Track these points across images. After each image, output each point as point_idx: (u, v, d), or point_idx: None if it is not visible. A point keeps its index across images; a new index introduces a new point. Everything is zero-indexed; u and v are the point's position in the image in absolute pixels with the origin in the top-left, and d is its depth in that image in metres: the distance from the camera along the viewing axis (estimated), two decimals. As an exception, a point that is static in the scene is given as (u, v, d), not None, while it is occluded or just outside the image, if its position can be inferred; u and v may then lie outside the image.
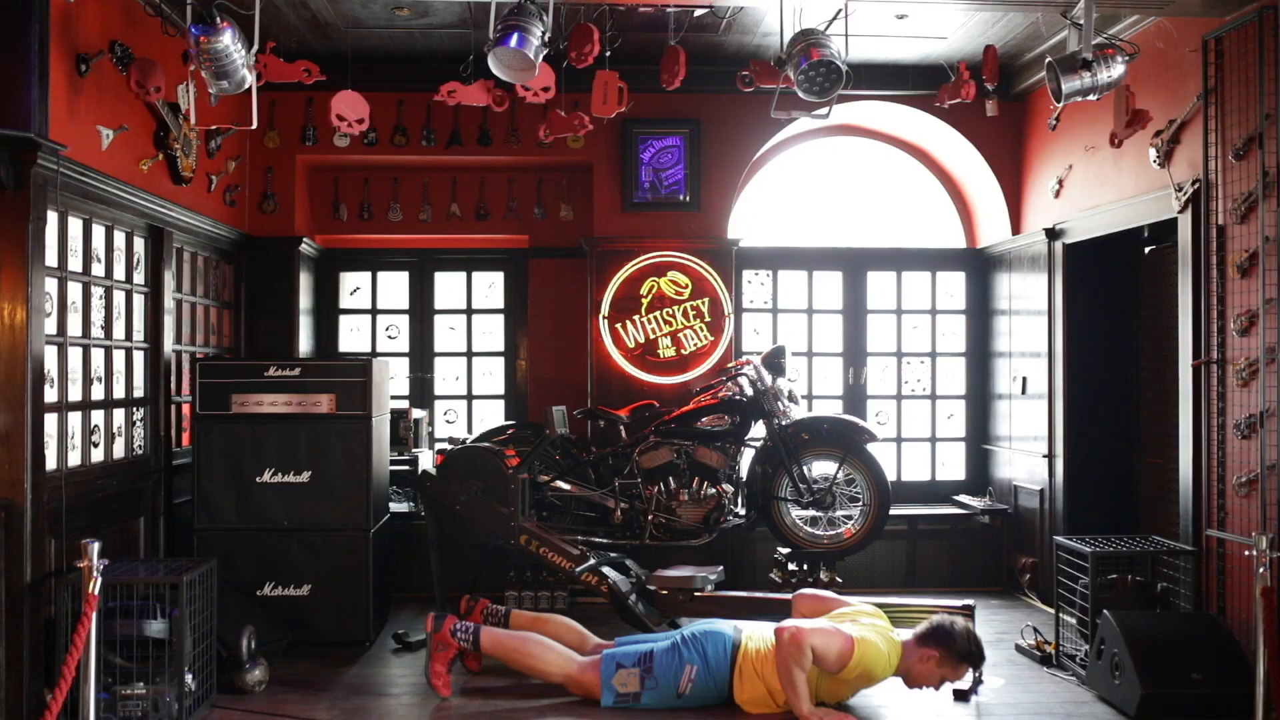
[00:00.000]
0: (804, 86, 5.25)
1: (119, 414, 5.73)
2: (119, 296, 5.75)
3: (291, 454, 6.06)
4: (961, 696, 5.20)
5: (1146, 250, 6.76)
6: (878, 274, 8.33)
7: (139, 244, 5.97)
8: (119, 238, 5.73)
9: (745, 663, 5.07)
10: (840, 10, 5.49)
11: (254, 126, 5.36)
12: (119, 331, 5.75)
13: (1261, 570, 4.51)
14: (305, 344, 7.75)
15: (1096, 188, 6.68)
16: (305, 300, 7.74)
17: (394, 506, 6.96)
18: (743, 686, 5.06)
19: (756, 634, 5.17)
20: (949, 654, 4.95)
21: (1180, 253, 5.74)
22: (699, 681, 5.05)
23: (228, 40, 4.70)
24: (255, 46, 4.93)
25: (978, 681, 5.31)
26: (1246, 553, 4.85)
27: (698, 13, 5.60)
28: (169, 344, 6.19)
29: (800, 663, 4.81)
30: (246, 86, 5.01)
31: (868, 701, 5.21)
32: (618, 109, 5.61)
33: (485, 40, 4.89)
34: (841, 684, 5.00)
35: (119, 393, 5.74)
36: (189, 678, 4.77)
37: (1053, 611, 5.99)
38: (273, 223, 7.54)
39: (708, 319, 7.61)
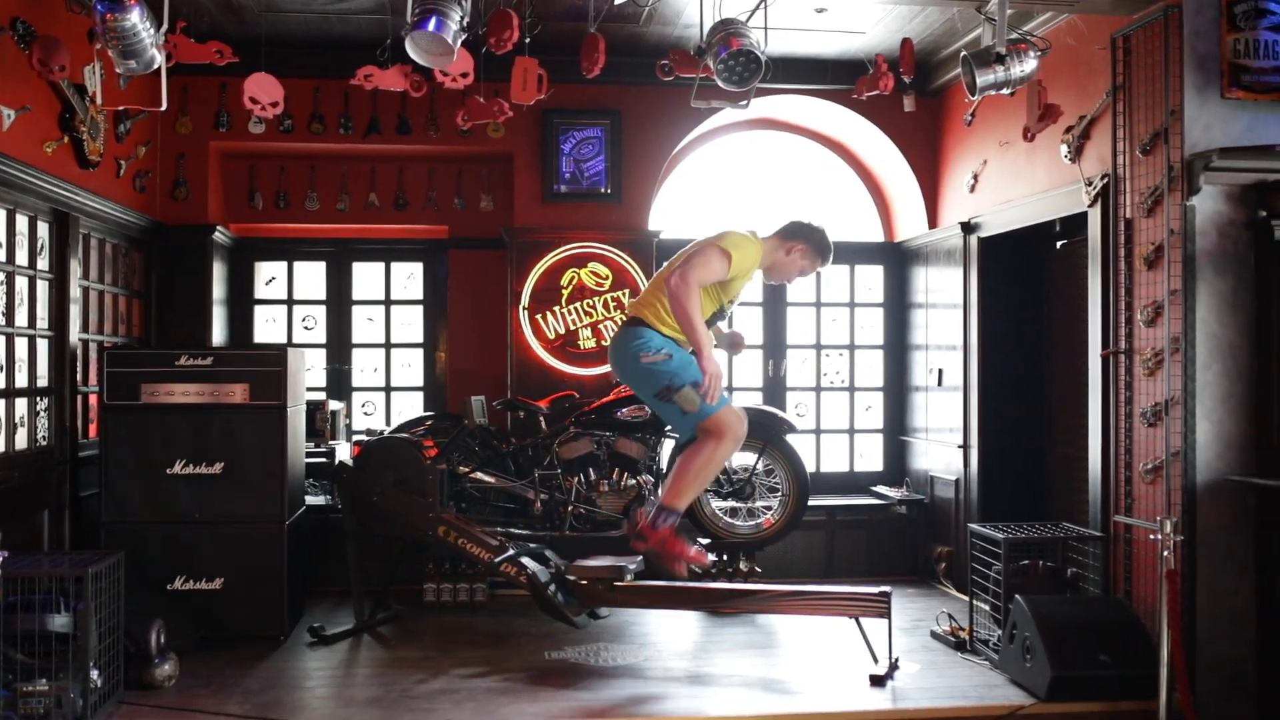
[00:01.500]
0: (723, 76, 5.27)
1: (21, 404, 5.56)
2: (21, 283, 5.58)
3: (203, 445, 5.93)
4: (878, 681, 5.27)
5: (1058, 244, 6.90)
6: (798, 267, 8.38)
7: (43, 229, 5.79)
8: (21, 222, 5.56)
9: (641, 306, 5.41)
10: (761, 2, 5.52)
11: (164, 108, 5.22)
12: (21, 319, 5.57)
13: (1166, 554, 4.63)
14: (219, 334, 7.59)
15: (1010, 182, 6.80)
16: (219, 290, 7.58)
17: (310, 499, 6.85)
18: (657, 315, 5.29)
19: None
20: (809, 245, 5.42)
21: (1090, 246, 5.87)
22: (651, 347, 5.21)
23: (135, 18, 4.57)
24: (165, 25, 4.81)
25: (893, 667, 5.39)
26: (1152, 537, 4.97)
27: (618, 1, 5.58)
28: (75, 333, 6.02)
29: (691, 299, 5.02)
30: (156, 67, 4.87)
31: (776, 674, 5.25)
32: (537, 96, 5.58)
33: (403, 25, 4.83)
34: (723, 290, 5.33)
35: (21, 382, 5.57)
36: (94, 673, 4.64)
37: (967, 599, 6.09)
38: (185, 210, 7.37)
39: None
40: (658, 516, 5.29)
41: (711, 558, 5.49)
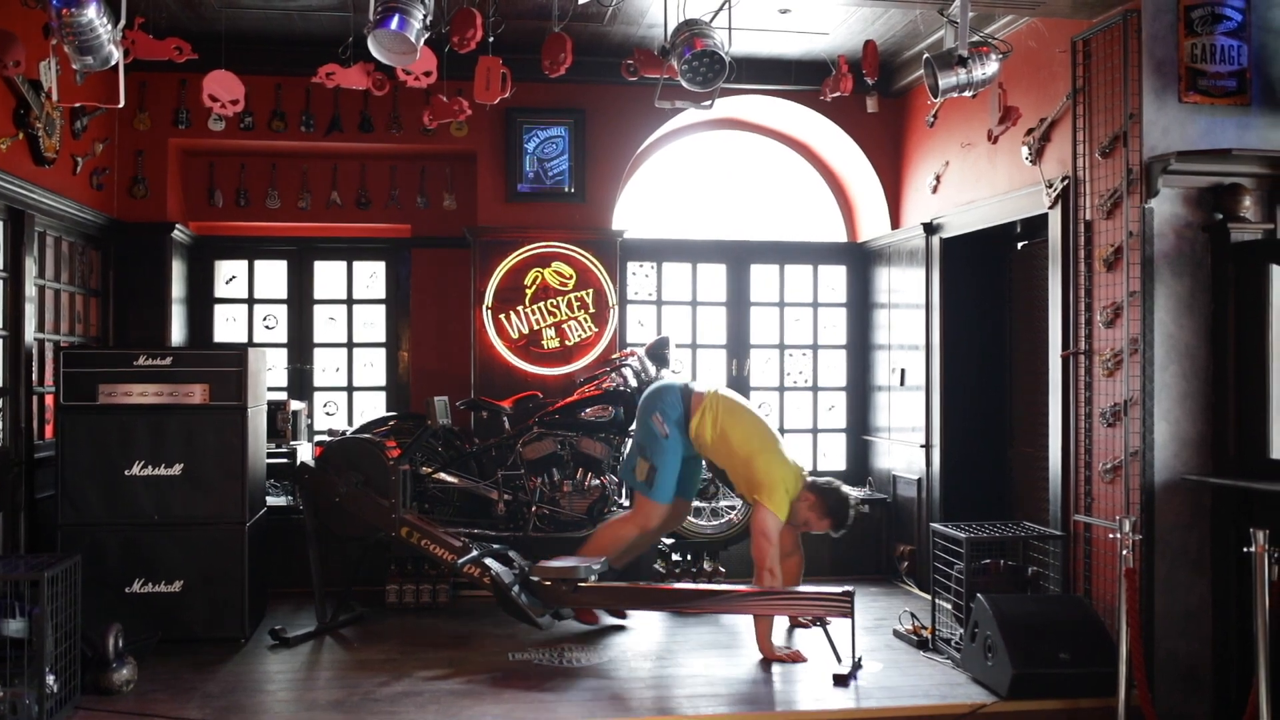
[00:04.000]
0: (687, 76, 5.28)
1: (-25, 405, 5.48)
2: (-25, 281, 5.49)
3: (162, 446, 5.86)
4: (841, 681, 5.29)
5: (1019, 245, 6.95)
6: (761, 267, 8.42)
7: (-3, 227, 5.71)
8: (-25, 220, 5.47)
9: (703, 403, 6.11)
10: (725, 2, 5.53)
11: (121, 105, 5.16)
12: (-25, 318, 5.49)
13: (1125, 553, 4.68)
14: (178, 334, 7.50)
15: (972, 184, 6.85)
16: (178, 289, 7.50)
17: (271, 500, 6.79)
18: (698, 425, 6.05)
19: (715, 384, 6.32)
20: (822, 506, 5.83)
21: (1050, 247, 5.92)
22: (667, 418, 6.05)
23: (92, 13, 4.50)
24: (122, 21, 4.74)
25: (856, 666, 5.42)
26: (1111, 536, 5.03)
27: (582, 1, 5.57)
28: (30, 332, 5.93)
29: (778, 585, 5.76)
30: (113, 63, 4.81)
31: (740, 674, 5.26)
32: (500, 95, 5.55)
33: (365, 23, 4.79)
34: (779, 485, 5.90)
35: (-25, 382, 5.48)
36: (50, 678, 4.57)
37: (929, 598, 6.13)
38: (143, 208, 7.29)
39: (592, 310, 7.60)
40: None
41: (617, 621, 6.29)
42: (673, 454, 6.05)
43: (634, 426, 6.37)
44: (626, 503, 6.81)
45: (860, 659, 5.52)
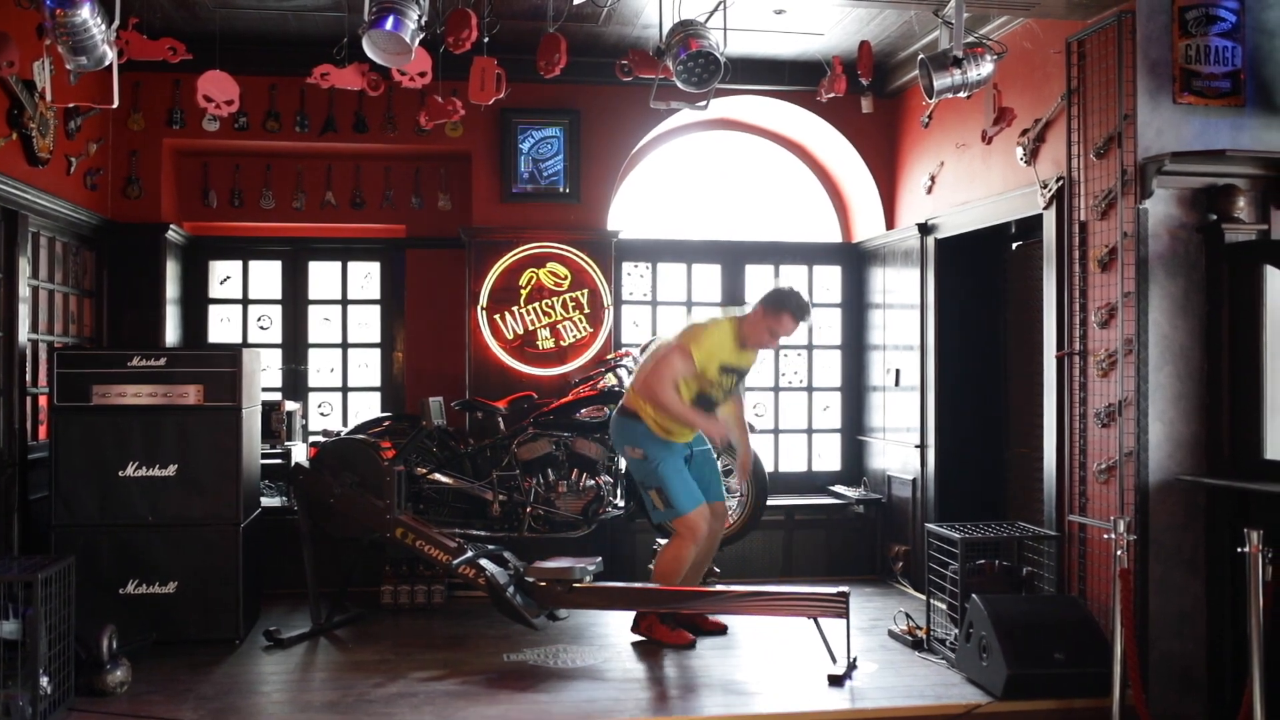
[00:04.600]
0: (682, 77, 5.27)
1: (-32, 405, 5.46)
2: (-32, 282, 5.48)
3: (157, 447, 5.85)
4: (836, 681, 5.29)
5: (1014, 245, 6.96)
6: (756, 267, 8.41)
7: (-10, 227, 5.70)
8: (-31, 220, 5.46)
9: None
10: (720, 3, 5.53)
11: (115, 106, 5.14)
12: (-32, 319, 5.48)
13: (1119, 553, 4.68)
14: (172, 334, 7.49)
15: (967, 184, 6.86)
16: (172, 289, 7.49)
17: (266, 501, 6.78)
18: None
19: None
20: (770, 306, 5.65)
21: (1045, 248, 5.92)
22: (638, 441, 5.83)
23: (86, 14, 4.48)
24: (116, 21, 4.72)
25: (851, 667, 5.42)
26: (1105, 536, 5.03)
27: (577, 1, 5.57)
28: (24, 333, 5.92)
29: (667, 400, 5.58)
30: (107, 64, 4.79)
31: (735, 675, 5.26)
32: (495, 96, 5.55)
33: (360, 24, 4.79)
34: (705, 380, 5.72)
35: (-32, 383, 5.47)
36: (44, 680, 4.56)
37: (924, 598, 6.13)
38: (137, 208, 7.27)
39: (587, 311, 7.60)
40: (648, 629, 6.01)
41: (693, 638, 6.01)
42: (665, 463, 5.80)
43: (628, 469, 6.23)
44: (621, 503, 6.81)
45: (855, 659, 5.52)
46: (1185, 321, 5.19)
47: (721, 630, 6.21)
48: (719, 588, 6.08)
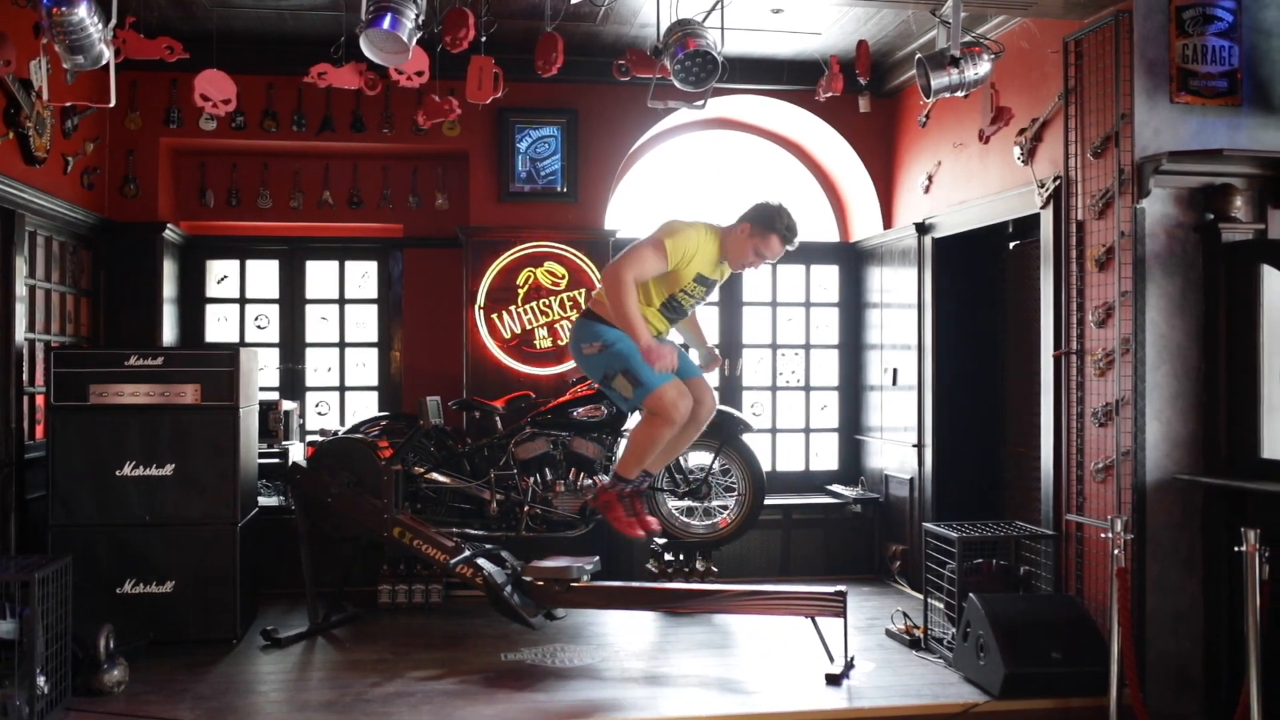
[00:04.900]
0: (680, 76, 5.27)
1: (-34, 405, 5.46)
2: (-35, 281, 5.47)
3: (154, 446, 5.84)
4: (834, 680, 5.30)
5: (1011, 245, 6.96)
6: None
7: (-13, 226, 5.69)
8: (-35, 219, 5.45)
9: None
10: (717, 2, 5.52)
11: (112, 105, 5.13)
12: (-35, 318, 5.47)
13: (1116, 552, 4.69)
14: (169, 333, 7.49)
15: (964, 184, 6.86)
16: (169, 289, 7.48)
17: (263, 500, 6.77)
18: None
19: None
20: (759, 224, 5.11)
21: (1042, 247, 5.93)
22: (593, 336, 5.15)
23: (83, 13, 4.47)
24: (113, 20, 4.71)
25: (849, 666, 5.42)
26: (1103, 535, 5.03)
27: (574, 0, 5.57)
28: (21, 332, 5.91)
29: (625, 293, 4.90)
30: (104, 63, 4.78)
31: (732, 674, 5.26)
32: (493, 95, 5.55)
33: (357, 23, 4.78)
34: (673, 281, 5.15)
35: (-34, 383, 5.46)
36: (41, 679, 4.56)
37: (922, 597, 6.13)
38: (135, 207, 7.27)
39: (585, 310, 7.58)
40: (611, 482, 5.39)
41: (658, 528, 5.73)
42: (625, 340, 5.06)
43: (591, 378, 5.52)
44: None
45: (853, 658, 5.52)
46: (1182, 321, 5.20)
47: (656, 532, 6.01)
48: (717, 586, 6.08)
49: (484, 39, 5.43)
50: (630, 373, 5.08)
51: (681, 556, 6.98)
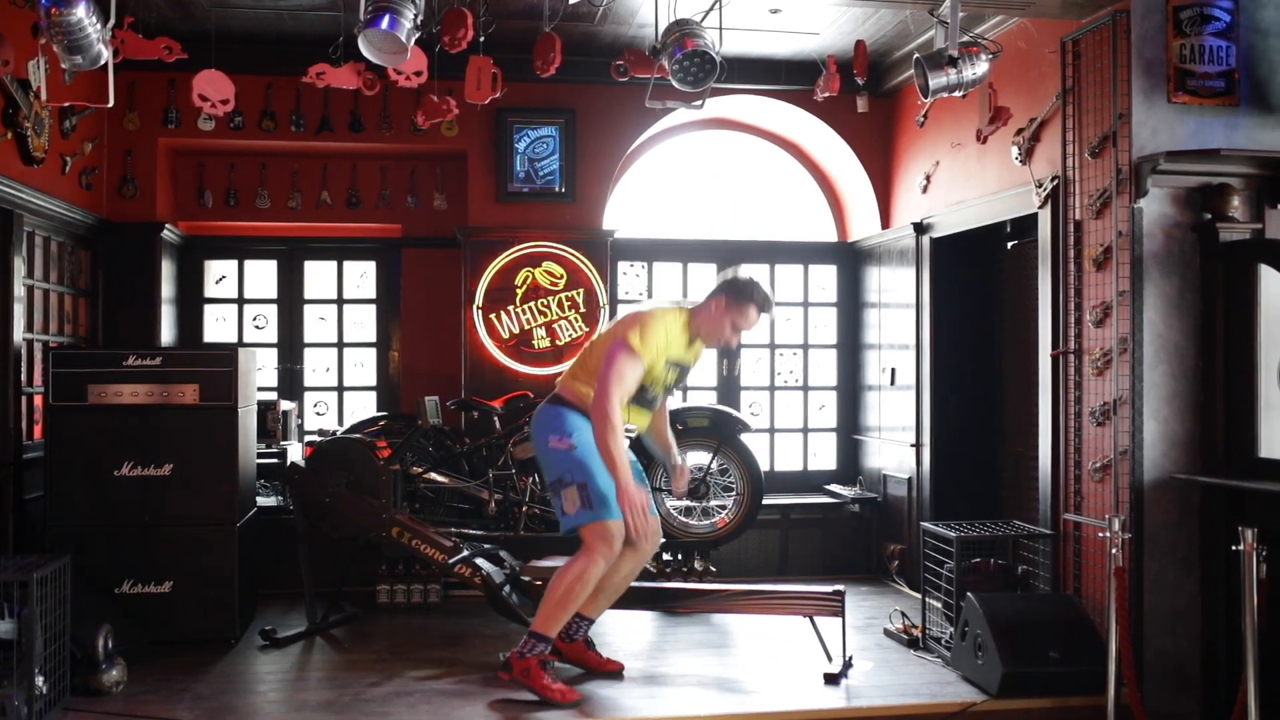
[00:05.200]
0: (678, 76, 5.27)
1: (-36, 405, 5.45)
2: (-36, 282, 5.47)
3: (152, 446, 5.84)
4: (832, 680, 5.30)
5: (1009, 245, 6.97)
6: (752, 266, 8.40)
7: (-14, 227, 5.69)
8: (-36, 220, 5.45)
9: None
10: (715, 2, 5.53)
11: (110, 105, 5.14)
12: (-36, 318, 5.47)
13: (1114, 551, 4.69)
14: (168, 334, 7.49)
15: (962, 183, 6.87)
16: (168, 289, 7.48)
17: (261, 500, 6.78)
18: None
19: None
20: (735, 296, 5.08)
21: (1040, 247, 5.93)
22: (564, 430, 5.01)
23: (82, 13, 4.48)
24: (112, 21, 4.72)
25: (847, 665, 5.43)
26: (1100, 534, 5.04)
27: (572, 1, 5.58)
28: (19, 332, 5.91)
29: (615, 429, 4.79)
30: (103, 63, 4.78)
31: (731, 673, 5.26)
32: (491, 95, 5.55)
33: (355, 23, 4.79)
34: (651, 379, 5.07)
35: (-36, 383, 5.46)
36: (39, 680, 4.55)
37: (920, 597, 6.14)
38: (133, 208, 7.27)
39: (583, 310, 7.60)
40: (526, 644, 5.02)
41: (580, 692, 5.10)
42: (590, 456, 4.95)
43: (543, 473, 5.26)
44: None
45: (851, 658, 5.52)
46: (1180, 320, 5.20)
47: (617, 672, 5.46)
48: (715, 586, 6.08)
49: (482, 39, 5.44)
50: (587, 491, 4.91)
51: (680, 556, 6.99)
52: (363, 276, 8.14)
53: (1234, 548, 4.24)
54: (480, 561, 5.95)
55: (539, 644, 5.02)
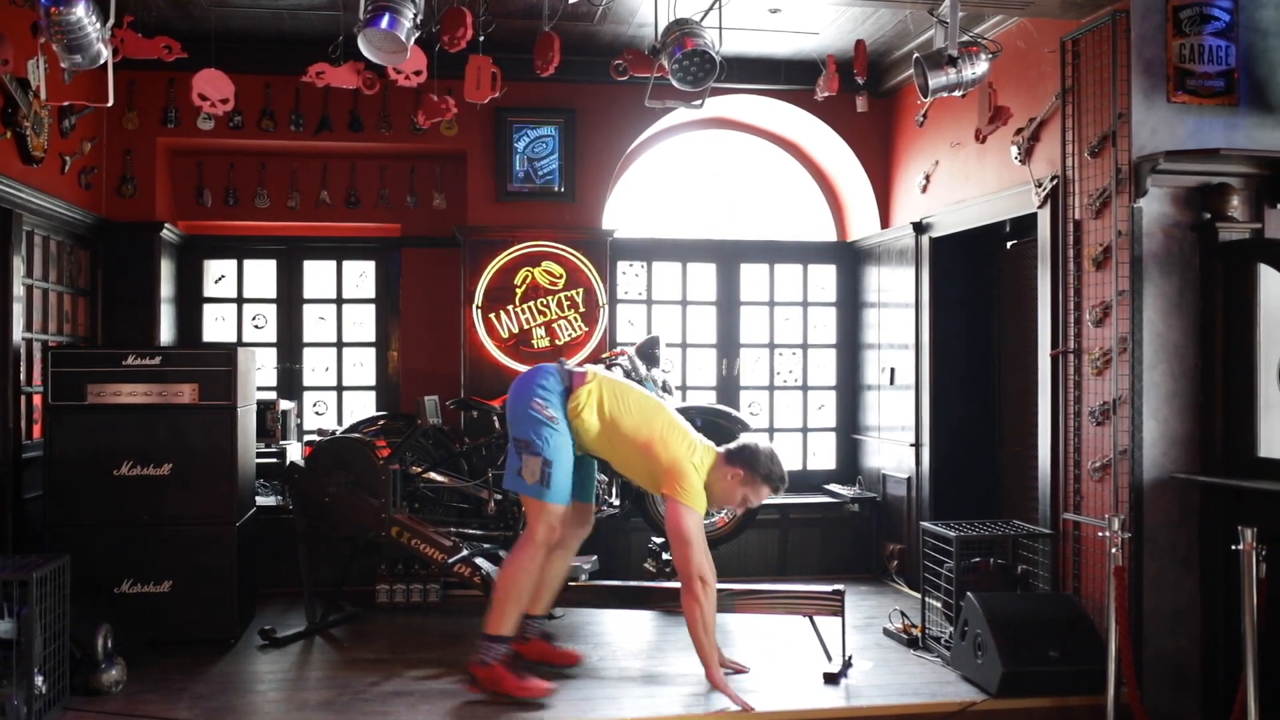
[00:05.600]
0: (678, 76, 5.27)
1: (-37, 404, 5.45)
2: (-37, 281, 5.46)
3: (152, 446, 5.83)
4: (831, 679, 5.30)
5: (1009, 244, 6.97)
6: (751, 266, 8.43)
7: (-15, 226, 5.68)
8: (-37, 219, 5.45)
9: (584, 383, 5.21)
10: (715, 2, 5.53)
11: (110, 104, 5.13)
12: (-37, 318, 5.46)
13: (1114, 551, 4.70)
14: (167, 333, 7.48)
15: (962, 183, 6.87)
16: (167, 288, 7.48)
17: (261, 500, 6.78)
18: (576, 406, 5.16)
19: (598, 369, 5.45)
20: (753, 473, 5.12)
21: (1040, 247, 5.93)
22: (547, 402, 5.13)
23: (81, 12, 4.47)
24: (111, 20, 4.71)
25: (847, 665, 5.43)
26: (1100, 534, 5.04)
27: (572, 0, 5.58)
28: (18, 332, 5.91)
29: (709, 595, 5.00)
30: (102, 62, 4.77)
31: (737, 684, 5.25)
32: (491, 95, 5.55)
33: (355, 22, 4.78)
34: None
35: (-37, 382, 5.45)
36: (39, 679, 4.55)
37: (919, 596, 6.14)
38: (132, 207, 7.26)
39: (582, 309, 7.60)
40: (484, 650, 5.06)
41: (553, 686, 5.10)
42: (565, 441, 5.12)
43: (510, 424, 5.29)
44: (617, 502, 6.80)
45: (850, 657, 5.52)
46: (1179, 320, 5.20)
47: (573, 661, 5.57)
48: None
49: (482, 39, 5.44)
50: (549, 470, 5.05)
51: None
52: (362, 276, 8.14)
53: (1233, 547, 4.24)
54: (480, 561, 5.94)
55: (495, 646, 5.08)
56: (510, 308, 7.54)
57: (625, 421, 5.14)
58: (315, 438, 6.96)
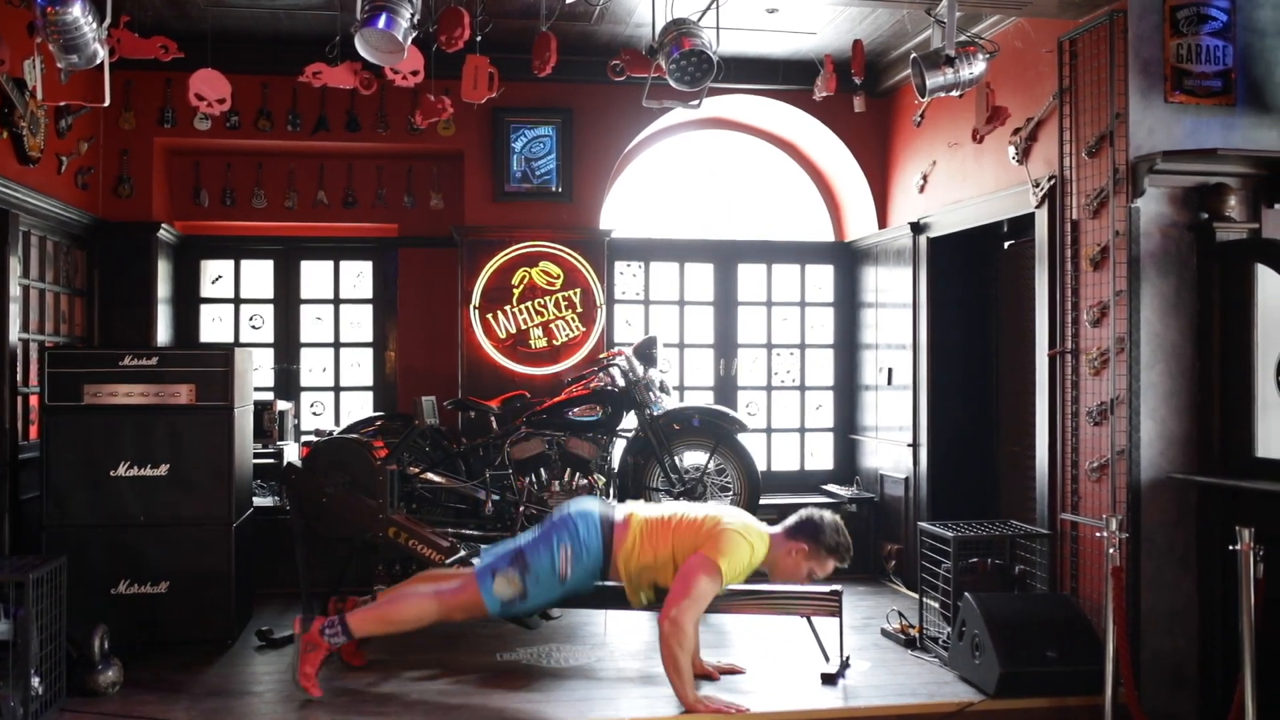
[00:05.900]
0: (675, 76, 5.27)
1: (-41, 405, 5.44)
2: (-41, 281, 5.46)
3: (148, 446, 5.82)
4: (829, 680, 5.29)
5: (1006, 244, 6.97)
6: (748, 266, 8.43)
7: (-19, 226, 5.68)
8: (-41, 219, 5.44)
9: (628, 533, 5.07)
10: (712, 2, 5.53)
11: (106, 104, 5.13)
12: (-41, 318, 5.45)
13: (1111, 551, 4.69)
14: (164, 334, 7.47)
15: (959, 183, 6.87)
16: (164, 289, 7.47)
17: (258, 500, 6.78)
18: (627, 556, 5.04)
19: (633, 507, 5.26)
20: (817, 546, 5.04)
21: (1037, 247, 5.93)
22: (576, 558, 5.00)
23: (78, 12, 4.47)
24: (108, 20, 4.70)
25: (844, 665, 5.42)
26: (1098, 534, 5.04)
27: (569, 0, 5.58)
28: (15, 332, 5.90)
29: (685, 644, 4.84)
30: (98, 62, 4.77)
31: (734, 685, 5.25)
32: (488, 94, 5.55)
33: (352, 22, 4.78)
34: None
35: (-41, 383, 5.45)
36: (35, 680, 4.55)
37: (917, 597, 6.13)
38: (129, 207, 7.26)
39: (580, 310, 7.60)
40: (333, 626, 5.07)
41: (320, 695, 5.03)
42: (549, 594, 5.09)
43: (537, 533, 5.21)
44: (615, 502, 6.79)
45: (848, 658, 5.51)
46: (1177, 320, 5.20)
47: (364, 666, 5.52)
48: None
49: (479, 38, 5.44)
50: (519, 593, 5.01)
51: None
52: (359, 276, 8.13)
53: (1231, 547, 4.24)
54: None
55: (341, 635, 5.08)
56: (508, 308, 7.54)
57: (663, 547, 5.05)
58: (312, 438, 6.96)
